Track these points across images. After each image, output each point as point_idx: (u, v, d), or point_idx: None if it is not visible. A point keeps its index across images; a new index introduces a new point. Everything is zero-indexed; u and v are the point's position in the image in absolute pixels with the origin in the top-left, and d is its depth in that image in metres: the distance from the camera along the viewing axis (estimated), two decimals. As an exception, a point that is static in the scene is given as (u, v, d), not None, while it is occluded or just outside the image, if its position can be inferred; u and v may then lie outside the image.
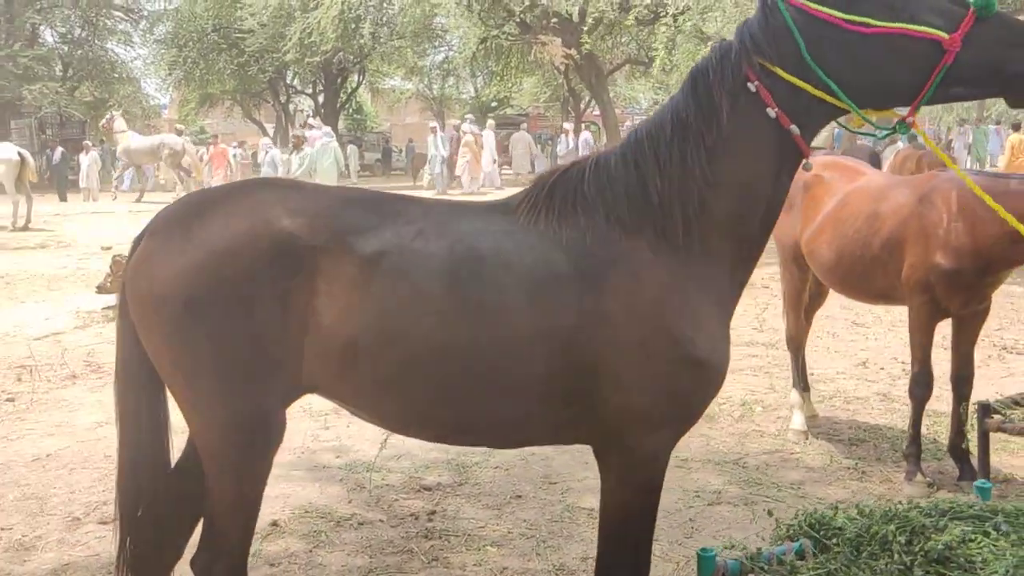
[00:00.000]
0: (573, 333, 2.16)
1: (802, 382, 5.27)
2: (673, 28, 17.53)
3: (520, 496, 4.26)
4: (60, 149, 25.67)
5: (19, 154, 17.19)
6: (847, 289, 4.78)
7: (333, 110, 34.09)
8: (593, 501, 3.57)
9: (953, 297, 4.09)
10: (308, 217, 2.25)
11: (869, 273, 4.44)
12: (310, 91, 36.62)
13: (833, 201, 4.70)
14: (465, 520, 4.00)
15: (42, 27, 31.79)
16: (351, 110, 39.41)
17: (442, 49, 31.76)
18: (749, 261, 2.32)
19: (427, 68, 33.51)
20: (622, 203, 2.21)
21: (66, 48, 32.80)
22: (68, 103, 30.14)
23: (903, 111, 2.22)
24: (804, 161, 2.22)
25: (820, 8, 2.09)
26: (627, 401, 2.19)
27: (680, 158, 2.19)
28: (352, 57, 30.77)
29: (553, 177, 2.33)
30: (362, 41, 25.48)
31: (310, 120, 24.37)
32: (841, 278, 4.68)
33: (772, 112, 2.14)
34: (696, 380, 2.21)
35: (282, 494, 4.25)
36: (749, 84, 2.15)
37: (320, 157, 17.11)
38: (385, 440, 4.69)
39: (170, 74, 33.20)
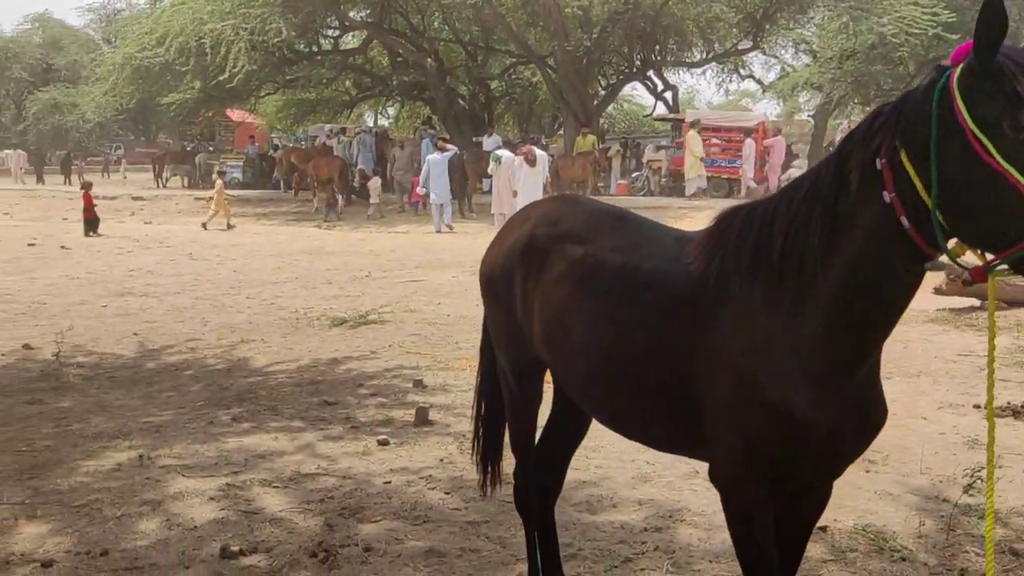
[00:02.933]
0: (682, 359, 2.36)
1: None
2: None
3: None
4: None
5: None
6: None
7: None
8: None
9: None
10: (553, 226, 2.94)
11: None
12: None
13: None
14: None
15: None
16: None
17: None
18: (854, 344, 2.17)
19: None
20: (747, 252, 2.25)
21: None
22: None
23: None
24: (928, 263, 2.02)
25: (961, 106, 1.86)
26: (718, 436, 2.33)
27: (806, 220, 2.14)
28: None
29: (723, 214, 2.42)
30: None
31: None
32: None
33: (887, 197, 1.99)
34: (776, 433, 2.20)
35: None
36: (877, 160, 2.00)
37: None
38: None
39: None
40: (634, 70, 29.50)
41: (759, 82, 36.73)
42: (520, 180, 16.61)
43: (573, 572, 3.76)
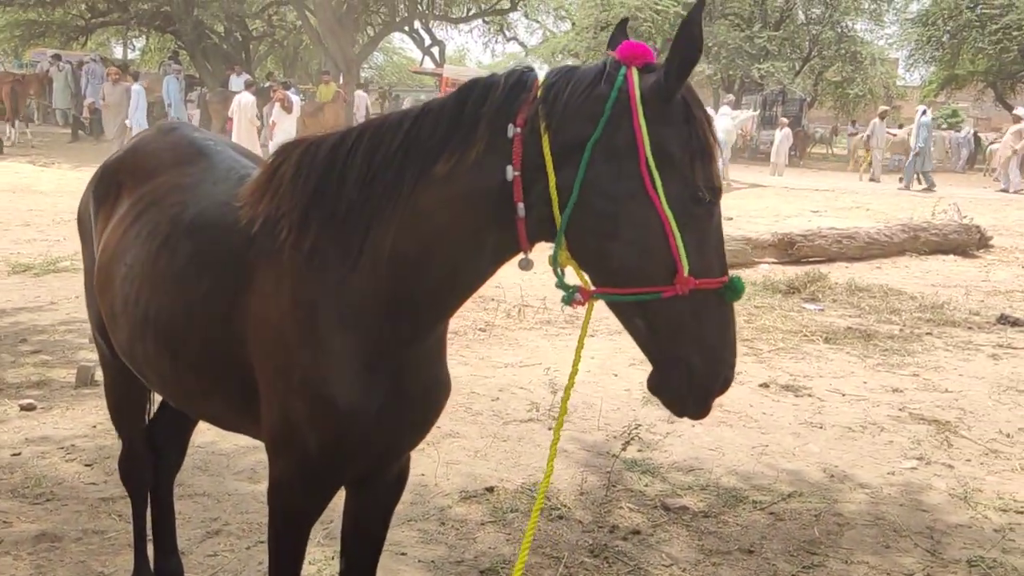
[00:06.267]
0: (227, 322, 1.98)
1: None
2: None
3: None
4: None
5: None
6: None
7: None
8: None
9: None
10: (131, 155, 2.54)
11: None
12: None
13: None
14: None
15: (795, 9, 32.66)
16: None
17: None
18: (412, 322, 1.85)
19: None
20: (304, 196, 1.84)
21: (812, 29, 33.26)
22: (791, 82, 30.62)
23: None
24: (522, 257, 1.73)
25: (642, 124, 1.58)
26: (263, 418, 1.98)
27: (396, 174, 1.74)
28: None
29: (281, 148, 1.98)
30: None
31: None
32: None
33: (511, 173, 1.64)
34: (314, 423, 1.88)
35: None
36: (511, 126, 1.65)
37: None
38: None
39: (912, 55, 31.90)
40: (397, 19, 28.89)
41: (523, 45, 37.41)
42: (277, 127, 16.09)
43: (212, 550, 3.40)
